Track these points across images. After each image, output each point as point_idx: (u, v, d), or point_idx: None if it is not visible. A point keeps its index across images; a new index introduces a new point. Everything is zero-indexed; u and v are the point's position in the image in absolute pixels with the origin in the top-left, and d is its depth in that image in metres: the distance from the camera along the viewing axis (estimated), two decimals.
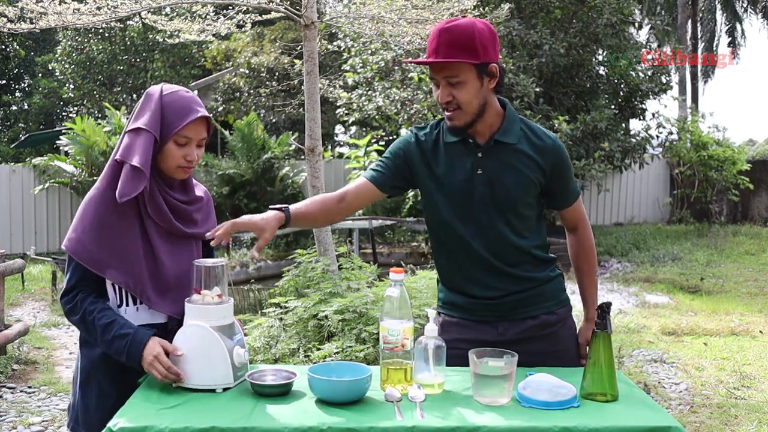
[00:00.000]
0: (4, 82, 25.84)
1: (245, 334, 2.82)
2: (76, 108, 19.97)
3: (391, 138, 18.61)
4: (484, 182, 2.17)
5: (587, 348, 2.11)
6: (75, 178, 13.54)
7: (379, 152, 16.20)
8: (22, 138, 20.33)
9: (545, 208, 2.30)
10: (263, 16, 6.50)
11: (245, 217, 2.06)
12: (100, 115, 16.49)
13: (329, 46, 13.90)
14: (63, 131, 14.19)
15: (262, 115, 16.71)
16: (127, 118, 2.13)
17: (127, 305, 2.03)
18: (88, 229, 2.00)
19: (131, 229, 2.01)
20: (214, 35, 6.96)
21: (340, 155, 18.38)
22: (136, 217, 2.03)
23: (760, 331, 6.56)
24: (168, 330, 2.04)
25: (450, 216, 2.21)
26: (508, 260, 2.21)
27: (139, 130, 1.99)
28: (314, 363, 2.66)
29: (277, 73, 16.82)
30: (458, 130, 2.17)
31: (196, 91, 18.01)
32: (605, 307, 1.90)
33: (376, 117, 13.94)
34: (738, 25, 27.28)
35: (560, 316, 2.28)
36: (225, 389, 1.88)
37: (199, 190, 2.21)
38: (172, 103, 2.00)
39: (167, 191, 2.06)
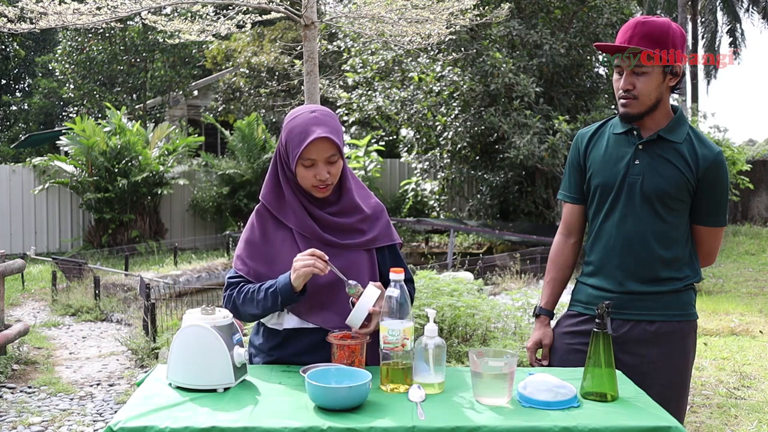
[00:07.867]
0: (4, 82, 25.85)
1: (244, 334, 2.82)
2: (76, 108, 19.96)
3: (391, 138, 18.59)
4: (638, 173, 2.23)
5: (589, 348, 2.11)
6: (75, 178, 13.53)
7: (379, 152, 16.20)
8: (22, 138, 20.34)
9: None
10: (263, 16, 6.49)
11: None
12: (100, 115, 16.48)
13: (329, 46, 13.90)
14: (63, 131, 14.18)
15: (262, 114, 16.70)
16: None
17: (282, 309, 2.11)
18: (243, 245, 2.18)
19: (285, 241, 2.15)
20: (214, 35, 6.96)
21: None
22: (289, 230, 2.16)
23: (760, 331, 6.55)
24: (317, 337, 2.07)
25: (599, 202, 2.30)
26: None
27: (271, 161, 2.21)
28: None
29: (277, 73, 16.82)
30: (630, 118, 2.24)
31: (196, 91, 18.02)
32: (606, 308, 1.90)
33: (376, 117, 13.93)
34: (738, 26, 27.29)
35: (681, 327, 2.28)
36: (225, 389, 1.88)
37: (367, 203, 2.24)
38: (293, 130, 2.10)
39: (313, 206, 2.15)
